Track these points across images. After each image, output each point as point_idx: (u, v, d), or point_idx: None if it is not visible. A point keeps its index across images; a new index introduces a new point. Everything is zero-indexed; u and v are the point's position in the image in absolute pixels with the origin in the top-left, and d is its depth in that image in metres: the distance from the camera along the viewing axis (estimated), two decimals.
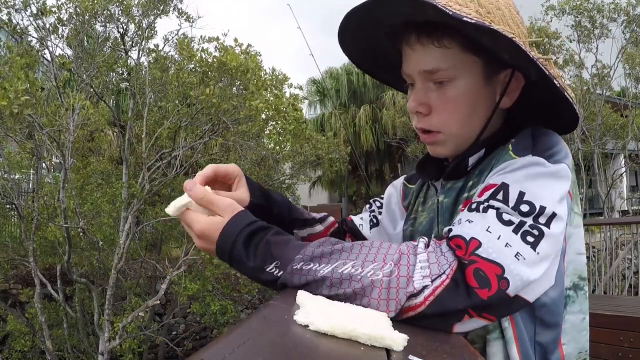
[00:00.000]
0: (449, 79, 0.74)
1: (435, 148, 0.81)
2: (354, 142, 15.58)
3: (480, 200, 0.64)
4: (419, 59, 0.75)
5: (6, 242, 6.76)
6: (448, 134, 0.77)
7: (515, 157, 0.68)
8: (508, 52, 0.70)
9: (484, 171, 0.74)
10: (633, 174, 14.15)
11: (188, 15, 5.13)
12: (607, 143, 9.99)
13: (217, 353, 0.37)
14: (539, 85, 0.75)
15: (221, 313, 5.38)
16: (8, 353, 5.44)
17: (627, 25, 9.07)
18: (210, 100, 4.26)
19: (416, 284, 0.56)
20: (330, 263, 0.59)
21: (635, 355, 2.84)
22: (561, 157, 0.67)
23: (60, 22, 4.47)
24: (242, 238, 0.64)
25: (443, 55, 0.73)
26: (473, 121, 0.76)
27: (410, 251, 0.59)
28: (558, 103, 0.75)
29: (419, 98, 0.77)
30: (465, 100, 0.75)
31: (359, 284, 0.56)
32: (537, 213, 0.61)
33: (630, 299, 4.28)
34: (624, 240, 5.16)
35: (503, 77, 0.76)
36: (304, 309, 0.49)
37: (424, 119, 0.77)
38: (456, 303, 0.56)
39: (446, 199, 0.81)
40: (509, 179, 0.64)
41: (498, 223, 0.60)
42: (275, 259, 0.61)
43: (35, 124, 3.80)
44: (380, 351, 0.44)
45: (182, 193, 0.71)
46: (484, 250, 0.57)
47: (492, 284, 0.56)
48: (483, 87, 0.75)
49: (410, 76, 0.79)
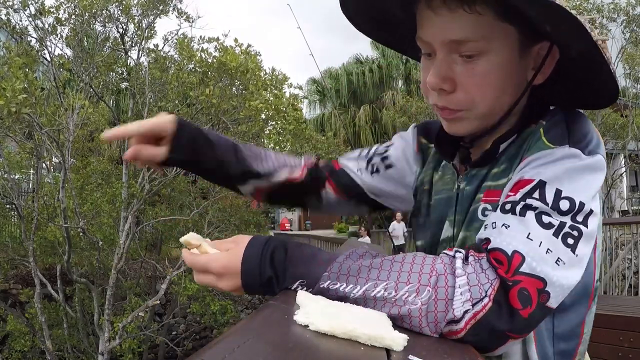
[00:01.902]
0: (480, 52, 0.63)
1: (454, 125, 0.70)
2: (354, 142, 15.58)
3: (515, 199, 0.59)
4: (445, 27, 0.64)
5: (6, 242, 6.76)
6: (474, 113, 0.68)
7: (549, 146, 0.61)
8: (555, 23, 0.60)
9: (514, 158, 0.67)
10: (633, 174, 14.15)
11: (188, 15, 5.13)
12: (607, 143, 9.99)
13: (217, 353, 0.37)
14: (576, 61, 0.66)
15: (221, 313, 5.39)
16: (8, 353, 5.44)
17: (627, 25, 9.08)
18: (210, 101, 4.26)
19: (457, 311, 0.52)
20: (359, 284, 0.55)
21: (635, 355, 2.84)
22: (595, 147, 0.61)
23: (59, 22, 4.47)
24: (266, 260, 0.58)
25: (474, 24, 0.62)
26: (503, 100, 0.67)
27: (448, 270, 0.54)
28: (593, 79, 0.67)
29: (443, 72, 0.65)
30: (496, 77, 0.65)
31: (395, 310, 0.53)
32: (576, 210, 0.57)
33: (630, 299, 4.28)
34: (624, 240, 5.16)
35: (538, 50, 0.67)
36: (304, 309, 0.49)
37: (446, 97, 0.67)
38: (498, 326, 0.53)
39: (468, 187, 0.73)
40: (547, 174, 0.59)
41: (538, 227, 0.56)
42: (300, 277, 0.57)
43: (34, 123, 3.80)
44: (380, 351, 0.44)
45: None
46: (528, 266, 0.54)
47: (533, 300, 0.53)
48: (516, 62, 0.66)
49: (429, 45, 0.67)
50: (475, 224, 0.68)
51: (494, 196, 0.67)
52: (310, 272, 0.57)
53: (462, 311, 0.52)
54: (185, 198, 5.71)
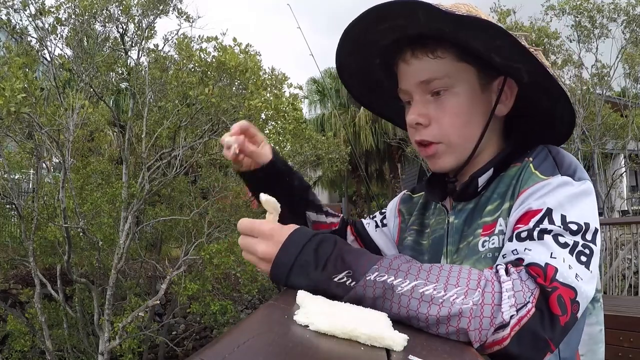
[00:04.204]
0: (445, 87, 0.75)
1: (436, 161, 0.80)
2: (354, 142, 15.57)
3: (529, 227, 0.63)
4: (415, 72, 0.77)
5: (6, 242, 6.76)
6: (447, 144, 0.78)
7: (543, 178, 0.68)
8: (498, 50, 0.71)
9: (505, 193, 0.74)
10: (633, 174, 14.14)
11: (188, 15, 5.13)
12: (607, 143, 9.98)
13: (217, 353, 0.37)
14: (532, 87, 0.76)
15: (221, 313, 5.38)
16: (8, 353, 5.44)
17: (627, 25, 9.06)
18: (210, 100, 4.26)
19: (505, 314, 0.54)
20: (409, 279, 0.56)
21: (635, 355, 2.83)
22: (581, 173, 0.69)
23: (58, 22, 4.47)
24: (313, 244, 0.61)
25: (438, 65, 0.75)
26: (471, 129, 0.77)
27: (494, 277, 0.57)
28: (554, 104, 0.76)
29: (418, 110, 0.78)
30: (462, 109, 0.76)
31: (444, 310, 0.54)
32: (584, 230, 0.62)
33: (630, 299, 4.28)
34: (624, 240, 5.16)
35: (497, 85, 0.78)
36: (304, 309, 0.49)
37: (423, 131, 0.78)
38: (541, 333, 0.55)
39: (456, 220, 0.81)
40: (551, 202, 0.64)
41: (557, 247, 0.60)
42: (348, 267, 0.58)
43: (34, 123, 3.80)
44: (380, 351, 0.44)
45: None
46: (561, 275, 0.57)
47: (568, 308, 0.57)
48: (479, 95, 0.77)
49: (407, 92, 0.80)
50: (476, 256, 0.73)
51: (490, 229, 0.73)
52: (360, 264, 0.59)
53: (509, 315, 0.54)
54: (185, 198, 5.70)
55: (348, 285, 0.57)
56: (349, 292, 0.57)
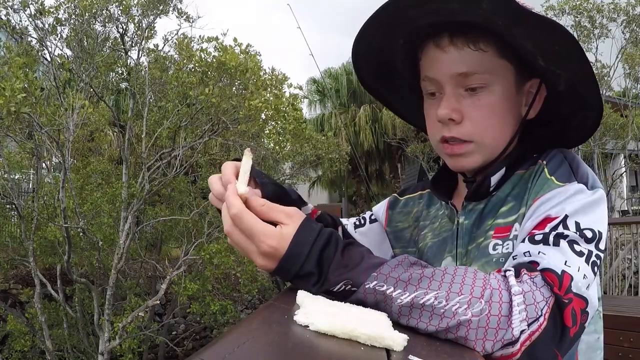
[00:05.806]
0: (484, 84, 0.70)
1: (461, 160, 0.75)
2: (354, 142, 15.57)
3: (544, 231, 0.62)
4: (452, 62, 0.70)
5: (6, 242, 6.76)
6: (480, 144, 0.73)
7: (560, 184, 0.66)
8: (548, 53, 0.66)
9: (521, 196, 0.71)
10: (633, 174, 14.14)
11: (188, 15, 5.13)
12: (607, 143, 9.98)
13: (217, 353, 0.37)
14: (563, 94, 0.72)
15: (221, 313, 5.38)
16: (8, 353, 5.44)
17: (627, 25, 9.06)
18: (210, 100, 4.25)
19: (515, 330, 0.52)
20: (409, 290, 0.54)
21: (635, 355, 2.84)
22: (594, 182, 0.67)
23: (58, 22, 4.47)
24: (314, 256, 0.56)
25: (479, 59, 0.69)
26: (505, 131, 0.73)
27: (502, 286, 0.55)
28: (577, 111, 0.73)
29: (452, 105, 0.71)
30: (499, 108, 0.71)
31: (445, 321, 0.52)
32: (598, 239, 0.62)
33: (630, 299, 4.28)
34: (624, 240, 5.16)
35: (529, 88, 0.75)
36: (304, 309, 0.49)
37: (454, 128, 0.72)
38: (552, 346, 0.54)
39: (467, 221, 0.77)
40: (569, 209, 0.63)
41: (573, 254, 0.59)
42: (347, 278, 0.56)
43: (34, 123, 3.80)
44: (380, 351, 0.44)
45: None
46: (575, 285, 0.56)
47: (578, 319, 0.56)
48: (513, 96, 0.73)
49: (437, 82, 0.73)
50: (485, 258, 0.71)
51: (504, 232, 0.71)
52: (360, 270, 0.56)
53: (519, 331, 0.53)
54: (185, 198, 5.70)
55: (349, 290, 0.56)
56: (349, 297, 0.57)
